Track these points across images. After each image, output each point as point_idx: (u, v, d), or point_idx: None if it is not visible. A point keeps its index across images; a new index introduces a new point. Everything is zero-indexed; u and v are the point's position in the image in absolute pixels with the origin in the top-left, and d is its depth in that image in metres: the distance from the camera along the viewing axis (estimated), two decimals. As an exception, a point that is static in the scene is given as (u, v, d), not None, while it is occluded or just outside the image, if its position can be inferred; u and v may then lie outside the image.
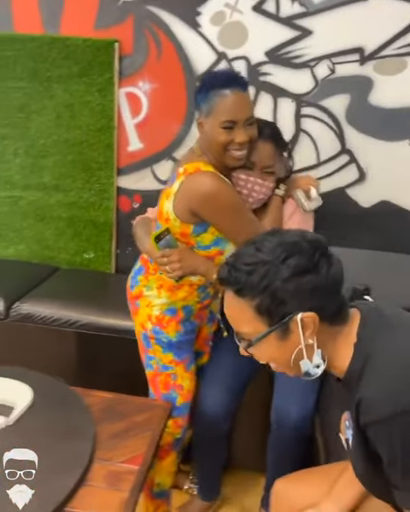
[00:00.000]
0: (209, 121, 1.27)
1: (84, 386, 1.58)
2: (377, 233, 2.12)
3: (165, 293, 1.41)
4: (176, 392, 1.46)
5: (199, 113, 1.31)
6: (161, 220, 1.36)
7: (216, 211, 1.26)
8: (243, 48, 1.95)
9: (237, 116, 1.24)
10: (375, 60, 1.91)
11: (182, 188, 1.27)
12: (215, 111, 1.25)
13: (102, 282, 2.20)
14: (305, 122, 2.02)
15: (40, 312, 1.82)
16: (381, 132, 2.00)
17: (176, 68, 2.01)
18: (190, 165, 1.28)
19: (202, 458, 1.65)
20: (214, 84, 1.25)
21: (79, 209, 2.20)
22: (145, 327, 1.45)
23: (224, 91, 1.24)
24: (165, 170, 2.15)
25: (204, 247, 1.35)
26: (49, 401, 1.29)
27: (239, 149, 1.27)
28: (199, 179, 1.25)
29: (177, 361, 1.45)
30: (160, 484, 1.51)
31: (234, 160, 1.29)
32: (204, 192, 1.24)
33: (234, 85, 1.25)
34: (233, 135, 1.25)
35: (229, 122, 1.24)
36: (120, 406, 1.36)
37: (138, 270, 1.48)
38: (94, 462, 1.13)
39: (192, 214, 1.28)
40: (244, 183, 1.38)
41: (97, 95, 2.04)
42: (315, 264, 0.85)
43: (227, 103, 1.24)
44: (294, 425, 1.46)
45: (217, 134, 1.25)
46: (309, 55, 1.93)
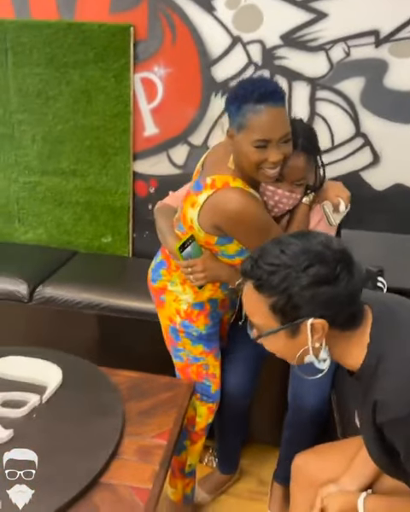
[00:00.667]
0: (241, 137, 1.19)
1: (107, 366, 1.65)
2: (391, 216, 2.15)
3: (189, 290, 1.42)
4: (209, 381, 1.51)
5: (230, 125, 1.23)
6: (185, 225, 1.35)
7: (242, 229, 1.24)
8: (258, 31, 1.95)
9: (272, 135, 1.16)
10: (390, 42, 1.91)
11: (208, 201, 1.24)
12: (248, 128, 1.17)
13: (121, 265, 2.25)
14: (320, 105, 2.03)
15: (62, 295, 1.88)
16: (395, 115, 2.00)
17: (191, 52, 2.02)
18: (219, 177, 1.24)
19: (223, 434, 1.71)
20: (248, 99, 1.16)
21: (96, 194, 2.23)
22: (174, 320, 1.46)
23: (258, 107, 1.15)
24: (180, 154, 2.17)
25: (228, 256, 1.35)
26: (79, 380, 1.36)
27: (272, 168, 1.20)
28: (227, 196, 1.21)
29: (207, 352, 1.48)
30: (191, 465, 1.59)
31: (267, 177, 1.24)
32: (231, 210, 1.21)
33: (269, 101, 1.15)
34: (266, 154, 1.18)
35: (262, 141, 1.17)
36: (145, 385, 1.42)
37: (160, 264, 1.48)
38: (124, 438, 1.20)
39: (216, 229, 1.27)
40: (272, 194, 1.35)
41: (113, 80, 2.05)
42: (336, 276, 0.86)
43: (261, 121, 1.15)
44: (310, 407, 1.51)
45: (249, 152, 1.18)
46: (324, 38, 1.93)
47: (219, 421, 1.64)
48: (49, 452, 1.09)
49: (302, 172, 1.33)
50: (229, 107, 1.22)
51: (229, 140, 1.24)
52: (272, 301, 0.89)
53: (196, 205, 1.28)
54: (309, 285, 0.86)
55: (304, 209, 1.38)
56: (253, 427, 1.84)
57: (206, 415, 1.53)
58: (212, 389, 1.51)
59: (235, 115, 1.19)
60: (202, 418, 1.53)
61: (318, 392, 1.53)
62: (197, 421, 1.54)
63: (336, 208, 1.36)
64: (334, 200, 1.37)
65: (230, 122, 1.24)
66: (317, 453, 1.21)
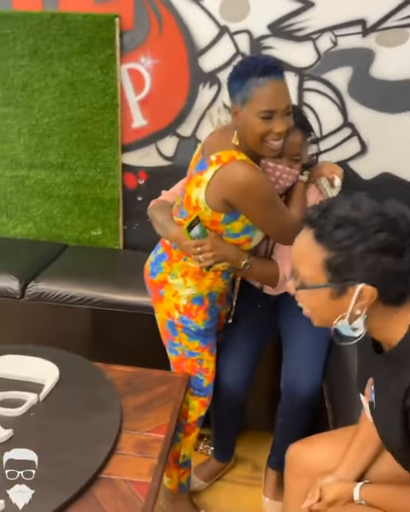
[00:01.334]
0: (246, 111, 1.24)
1: (102, 361, 1.67)
2: (379, 204, 2.17)
3: (191, 282, 1.42)
4: (202, 376, 1.53)
5: (233, 103, 1.28)
6: (189, 208, 1.35)
7: (251, 201, 1.26)
8: (245, 21, 1.94)
9: (277, 106, 1.21)
10: (377, 32, 1.90)
11: (216, 177, 1.26)
12: (253, 100, 1.21)
13: (112, 258, 2.26)
14: (308, 96, 2.03)
15: (55, 291, 1.88)
16: (382, 105, 2.01)
17: (178, 43, 2.00)
18: (224, 153, 1.27)
19: (218, 424, 1.75)
20: (251, 73, 1.21)
21: (85, 187, 2.22)
22: (172, 315, 1.47)
23: (262, 80, 1.20)
24: (169, 146, 2.17)
25: (233, 234, 1.36)
26: (75, 377, 1.37)
27: (277, 139, 1.24)
28: (235, 169, 1.24)
29: (203, 347, 1.50)
30: (185, 455, 1.62)
31: (271, 150, 1.27)
32: (240, 182, 1.23)
33: (272, 74, 1.21)
34: (271, 125, 1.22)
35: (267, 112, 1.21)
36: (140, 379, 1.44)
37: (161, 257, 1.48)
38: (122, 433, 1.22)
39: (225, 203, 1.28)
40: (272, 170, 1.39)
41: (99, 72, 2.03)
42: (403, 248, 0.82)
43: (266, 93, 1.20)
44: (303, 395, 1.54)
45: (254, 124, 1.22)
46: (312, 27, 1.92)
47: (215, 413, 1.67)
48: (48, 450, 1.12)
49: (300, 147, 1.39)
50: (232, 84, 1.26)
51: (233, 117, 1.28)
52: (328, 256, 0.84)
53: (202, 183, 1.29)
54: (374, 250, 0.81)
55: (302, 186, 1.43)
56: (247, 415, 1.88)
57: (198, 408, 1.56)
58: (204, 383, 1.53)
59: (239, 91, 1.23)
60: (194, 411, 1.56)
61: (310, 380, 1.56)
62: (190, 414, 1.56)
63: (332, 183, 1.43)
64: (329, 176, 1.44)
65: (233, 100, 1.27)
66: (309, 443, 1.24)
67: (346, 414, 1.40)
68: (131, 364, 1.72)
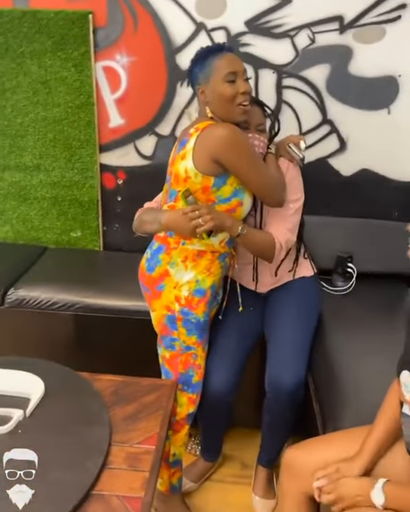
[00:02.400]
0: (212, 82, 1.38)
1: (87, 369, 1.64)
2: (359, 200, 2.19)
3: (190, 265, 1.46)
4: (194, 371, 1.53)
5: (198, 85, 1.42)
6: (178, 184, 1.42)
7: (236, 153, 1.35)
8: (222, 18, 1.91)
9: (236, 67, 1.38)
10: (354, 28, 1.90)
11: (199, 141, 1.36)
12: (216, 70, 1.37)
13: (93, 260, 2.23)
14: (286, 93, 2.02)
15: (36, 297, 1.85)
16: (361, 102, 2.02)
17: (154, 40, 1.96)
18: (201, 123, 1.39)
19: (206, 425, 1.76)
20: (208, 53, 1.40)
21: (62, 188, 2.18)
22: (172, 308, 1.48)
23: (218, 54, 1.39)
24: (148, 145, 2.13)
25: (224, 199, 1.42)
26: (61, 389, 1.35)
27: (245, 100, 1.38)
28: (215, 128, 1.35)
29: (199, 342, 1.52)
30: (175, 454, 1.62)
31: (242, 112, 1.40)
32: (223, 136, 1.33)
33: (224, 50, 1.41)
34: (236, 87, 1.37)
35: (231, 74, 1.37)
36: (128, 388, 1.43)
37: (157, 250, 1.51)
38: (112, 446, 1.21)
39: (214, 162, 1.35)
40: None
41: (74, 70, 1.97)
42: None
43: (224, 61, 1.38)
44: (287, 392, 1.55)
45: (222, 89, 1.37)
46: (289, 24, 1.91)
47: (202, 414, 1.67)
48: (38, 468, 1.10)
49: (261, 117, 1.55)
50: (193, 70, 1.42)
51: (202, 97, 1.42)
52: None
53: (186, 153, 1.38)
54: None
55: (272, 157, 1.54)
56: (234, 412, 1.89)
57: (186, 404, 1.56)
58: (194, 379, 1.54)
59: (201, 71, 1.40)
60: (182, 408, 1.56)
61: (293, 376, 1.57)
62: (178, 410, 1.56)
63: (298, 146, 1.58)
64: (294, 140, 1.58)
65: (198, 82, 1.42)
66: (305, 448, 1.25)
67: (333, 410, 1.43)
68: (118, 370, 1.71)
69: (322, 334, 1.71)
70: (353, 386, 1.44)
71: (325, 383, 1.54)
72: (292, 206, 1.56)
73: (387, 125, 2.04)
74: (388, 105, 2.01)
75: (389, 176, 2.14)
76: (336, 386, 1.46)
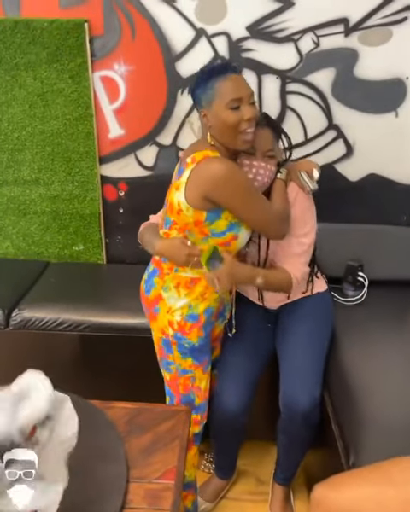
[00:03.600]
0: (214, 107, 1.29)
1: (96, 390, 1.60)
2: (367, 206, 2.14)
3: (184, 291, 1.42)
4: (194, 394, 1.50)
5: (200, 108, 1.33)
6: (172, 214, 1.36)
7: (230, 192, 1.28)
8: (223, 23, 1.84)
9: (241, 93, 1.28)
10: (360, 31, 1.84)
11: (192, 175, 1.29)
12: (219, 95, 1.27)
13: (97, 274, 2.17)
14: (291, 99, 1.96)
15: (41, 318, 1.79)
16: (367, 105, 1.96)
17: (153, 48, 1.89)
18: (198, 153, 1.31)
19: (220, 445, 1.72)
20: (211, 75, 1.29)
21: (62, 202, 2.12)
22: (166, 332, 1.45)
23: (222, 76, 1.28)
24: (149, 155, 2.08)
25: (219, 233, 1.36)
26: (74, 421, 1.30)
27: (249, 127, 1.29)
28: (209, 164, 1.28)
29: (196, 365, 1.47)
30: (185, 476, 1.58)
31: (245, 141, 1.31)
32: (216, 175, 1.26)
33: (229, 71, 1.29)
34: (241, 114, 1.28)
35: (235, 101, 1.27)
36: (142, 416, 1.38)
37: (153, 273, 1.48)
38: (130, 483, 1.16)
39: (205, 200, 1.29)
40: (248, 168, 1.41)
41: (71, 81, 1.90)
42: None
43: (228, 85, 1.28)
44: (302, 413, 1.51)
45: (225, 116, 1.28)
46: (292, 28, 1.84)
47: (215, 434, 1.64)
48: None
49: (271, 143, 1.42)
50: (195, 92, 1.32)
51: (204, 121, 1.33)
52: None
53: (180, 185, 1.32)
54: None
55: (281, 183, 1.45)
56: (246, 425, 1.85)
57: (191, 425, 1.50)
58: (196, 402, 1.50)
59: (203, 94, 1.30)
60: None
61: (308, 396, 1.53)
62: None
63: (311, 176, 1.47)
64: (307, 168, 1.47)
65: (200, 106, 1.33)
66: (336, 485, 1.15)
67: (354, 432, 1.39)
68: (127, 390, 1.68)
69: (336, 349, 1.67)
70: (373, 406, 1.40)
71: (344, 404, 1.50)
72: (306, 241, 1.49)
73: (395, 128, 1.99)
74: (395, 108, 1.96)
75: (397, 180, 2.09)
76: (356, 407, 1.42)
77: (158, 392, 1.55)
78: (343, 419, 1.46)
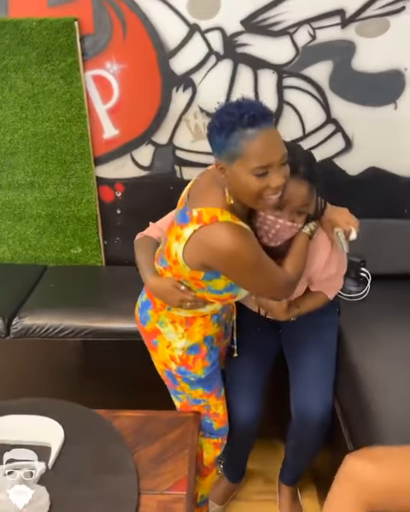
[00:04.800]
0: (236, 168, 1.07)
1: (100, 396, 1.58)
2: (368, 200, 2.11)
3: (181, 328, 1.33)
4: (211, 420, 1.45)
5: (218, 157, 1.11)
6: (169, 259, 1.23)
7: (233, 267, 1.14)
8: (217, 17, 1.80)
9: (272, 159, 1.05)
10: (356, 22, 1.80)
11: (194, 237, 1.13)
12: (243, 157, 1.05)
13: (96, 277, 2.14)
14: (288, 93, 1.92)
15: (42, 325, 1.76)
16: (366, 98, 1.93)
17: (145, 45, 1.84)
18: (206, 210, 1.12)
19: (232, 453, 1.68)
20: (236, 125, 1.04)
21: (58, 205, 2.08)
22: (169, 366, 1.38)
23: (251, 132, 1.03)
24: (145, 155, 2.04)
25: (216, 291, 1.25)
26: (80, 433, 1.28)
27: (275, 193, 1.10)
28: (215, 233, 1.10)
29: (208, 394, 1.41)
30: (203, 496, 1.58)
31: (267, 206, 1.14)
32: (220, 249, 1.10)
33: (262, 123, 1.04)
34: (267, 180, 1.07)
35: (263, 168, 1.05)
36: (149, 425, 1.37)
37: (146, 304, 1.38)
38: (142, 495, 1.15)
39: (204, 266, 1.17)
40: (273, 223, 1.24)
41: (62, 82, 1.86)
42: None
43: (258, 147, 1.04)
44: (316, 418, 1.49)
45: (249, 182, 1.07)
46: (288, 20, 1.80)
47: (228, 443, 1.62)
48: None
49: (304, 200, 1.23)
50: (215, 137, 1.08)
51: (219, 174, 1.12)
52: None
53: (181, 239, 1.17)
54: None
55: (304, 239, 1.28)
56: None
57: (213, 450, 1.50)
58: (214, 426, 1.46)
59: (224, 146, 1.06)
60: (209, 454, 1.50)
61: (321, 402, 1.50)
62: (205, 457, 1.50)
63: (347, 236, 1.28)
64: (345, 228, 1.29)
65: (217, 154, 1.10)
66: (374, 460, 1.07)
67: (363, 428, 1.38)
68: (133, 395, 1.66)
69: (342, 348, 1.64)
70: (382, 406, 1.38)
71: (353, 404, 1.48)
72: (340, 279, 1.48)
73: (394, 120, 1.96)
74: (394, 100, 1.93)
75: (397, 173, 2.06)
76: (366, 407, 1.41)
77: (165, 397, 1.52)
78: (353, 419, 1.45)
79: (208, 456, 1.50)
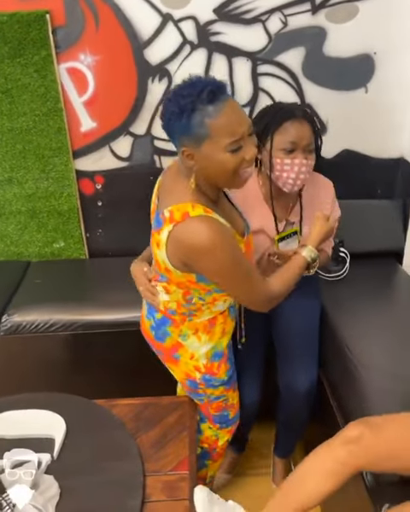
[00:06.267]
0: (207, 148, 1.02)
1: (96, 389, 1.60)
2: (343, 182, 2.13)
3: (204, 336, 1.30)
4: (228, 411, 1.48)
5: (181, 144, 1.05)
6: (162, 270, 1.19)
7: (209, 263, 1.09)
8: (189, 6, 1.80)
9: (241, 131, 1.02)
10: (326, 8, 1.84)
11: (171, 238, 1.09)
12: (212, 136, 1.01)
13: (81, 270, 2.15)
14: (262, 80, 1.95)
15: (32, 321, 1.77)
16: (338, 83, 1.98)
17: (119, 35, 1.84)
18: (176, 207, 1.08)
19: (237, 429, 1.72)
20: (196, 104, 0.99)
21: (39, 200, 2.07)
22: (192, 376, 1.36)
23: (212, 109, 0.99)
24: (124, 146, 2.05)
25: (219, 290, 1.22)
26: (81, 423, 1.32)
27: (249, 166, 1.07)
28: (189, 230, 1.06)
29: (227, 389, 1.42)
30: (212, 475, 1.63)
31: (243, 181, 1.10)
32: (196, 244, 1.06)
33: (220, 96, 1.00)
34: (242, 153, 1.04)
35: (235, 143, 1.02)
36: (148, 411, 1.41)
37: (162, 321, 1.31)
38: (147, 477, 1.20)
39: (187, 266, 1.13)
40: (290, 167, 1.36)
41: (36, 75, 1.84)
42: None
43: (225, 121, 1.00)
44: (302, 392, 1.58)
45: (224, 161, 1.03)
46: (259, 8, 1.82)
47: None
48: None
49: (310, 137, 1.37)
50: (175, 124, 1.02)
51: (187, 162, 1.06)
52: None
53: (160, 244, 1.13)
54: None
55: (301, 262, 1.28)
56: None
57: (227, 436, 1.54)
58: (230, 416, 1.49)
59: (188, 129, 1.01)
60: (222, 440, 1.54)
61: (306, 377, 1.58)
62: (219, 444, 1.54)
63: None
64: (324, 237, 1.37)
65: (181, 141, 1.04)
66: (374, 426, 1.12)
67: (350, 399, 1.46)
68: (128, 385, 1.70)
69: (326, 325, 1.71)
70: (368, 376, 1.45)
71: (341, 377, 1.56)
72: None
73: (365, 103, 2.02)
74: (365, 84, 1.98)
75: (370, 154, 2.13)
76: (352, 379, 1.48)
77: (160, 383, 1.55)
78: (341, 391, 1.53)
79: (222, 442, 1.54)
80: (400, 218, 2.13)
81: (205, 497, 1.15)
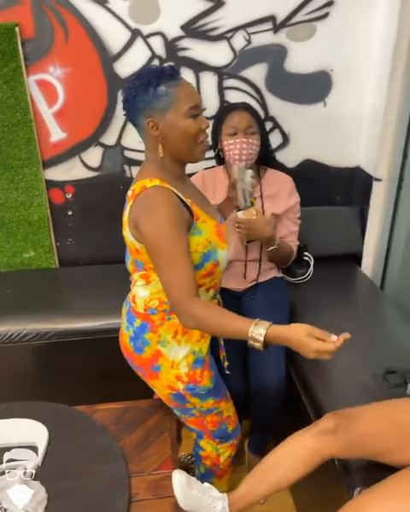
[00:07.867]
0: (171, 116, 1.15)
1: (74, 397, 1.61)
2: (305, 190, 2.26)
3: (182, 338, 1.29)
4: (226, 424, 1.45)
5: (147, 117, 1.15)
6: (134, 254, 1.23)
7: (150, 223, 1.13)
8: (158, 23, 1.87)
9: (198, 99, 1.18)
10: (287, 27, 1.95)
11: (131, 210, 1.16)
12: (176, 102, 1.14)
13: (52, 279, 2.16)
14: (228, 94, 2.04)
15: (6, 331, 1.76)
16: (299, 97, 2.09)
17: (88, 49, 1.88)
18: (137, 185, 1.19)
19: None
20: (162, 78, 1.14)
21: (8, 210, 2.08)
22: (175, 388, 1.32)
23: (176, 82, 1.15)
24: (94, 156, 2.08)
25: (197, 266, 1.21)
26: (64, 429, 1.33)
27: (206, 137, 1.21)
28: (143, 197, 1.15)
29: (218, 401, 1.39)
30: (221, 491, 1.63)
31: (203, 151, 1.22)
32: (143, 203, 1.14)
33: (177, 75, 1.17)
34: (200, 121, 1.18)
35: (195, 108, 1.16)
36: (128, 414, 1.45)
37: (141, 329, 1.30)
38: (132, 478, 1.24)
39: (137, 229, 1.16)
40: (233, 146, 1.65)
41: (6, 87, 1.85)
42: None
43: (185, 91, 1.15)
44: (272, 388, 1.65)
45: (186, 126, 1.16)
46: (225, 26, 1.91)
47: None
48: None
49: (249, 122, 1.65)
50: (142, 97, 1.14)
51: (153, 132, 1.17)
52: None
53: (125, 223, 1.21)
54: None
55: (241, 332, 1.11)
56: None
57: (229, 451, 1.51)
58: (228, 430, 1.46)
59: (155, 99, 1.14)
60: (225, 456, 1.50)
61: (275, 372, 1.66)
62: (221, 460, 1.51)
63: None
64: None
65: (147, 115, 1.14)
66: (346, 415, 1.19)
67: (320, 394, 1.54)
68: (105, 392, 1.72)
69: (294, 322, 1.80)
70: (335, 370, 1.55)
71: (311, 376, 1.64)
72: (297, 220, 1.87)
73: (324, 116, 2.14)
74: (323, 98, 2.10)
75: (329, 164, 2.25)
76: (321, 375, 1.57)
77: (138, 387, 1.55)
78: (311, 386, 1.61)
79: (224, 458, 1.50)
80: (358, 224, 2.26)
81: (183, 480, 1.20)
